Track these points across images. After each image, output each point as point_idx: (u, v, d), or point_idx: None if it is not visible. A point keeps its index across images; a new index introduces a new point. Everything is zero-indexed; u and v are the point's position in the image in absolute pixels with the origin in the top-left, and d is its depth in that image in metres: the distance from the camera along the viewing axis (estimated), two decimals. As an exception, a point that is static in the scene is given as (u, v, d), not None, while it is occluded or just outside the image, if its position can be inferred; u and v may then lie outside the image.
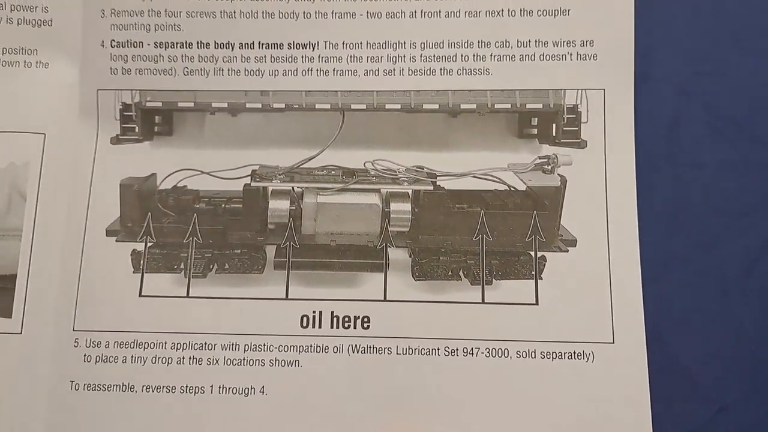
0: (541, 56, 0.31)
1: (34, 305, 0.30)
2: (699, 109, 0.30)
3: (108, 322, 0.30)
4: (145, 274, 0.30)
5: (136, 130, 0.33)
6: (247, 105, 0.32)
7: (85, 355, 0.29)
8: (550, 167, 0.31)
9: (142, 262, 0.31)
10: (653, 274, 0.29)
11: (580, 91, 0.31)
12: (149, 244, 0.31)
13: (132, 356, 0.29)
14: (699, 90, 0.31)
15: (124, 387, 0.29)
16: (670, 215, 0.29)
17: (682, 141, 0.30)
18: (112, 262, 0.31)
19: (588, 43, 0.31)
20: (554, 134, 0.32)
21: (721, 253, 0.29)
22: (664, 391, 0.28)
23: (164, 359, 0.29)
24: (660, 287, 0.29)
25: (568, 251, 0.30)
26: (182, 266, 0.31)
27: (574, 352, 0.29)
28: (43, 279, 0.30)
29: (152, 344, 0.29)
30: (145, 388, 0.29)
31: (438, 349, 0.29)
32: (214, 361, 0.29)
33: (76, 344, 0.30)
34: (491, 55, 0.31)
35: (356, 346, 0.29)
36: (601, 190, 0.30)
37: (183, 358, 0.29)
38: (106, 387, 0.29)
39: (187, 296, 0.30)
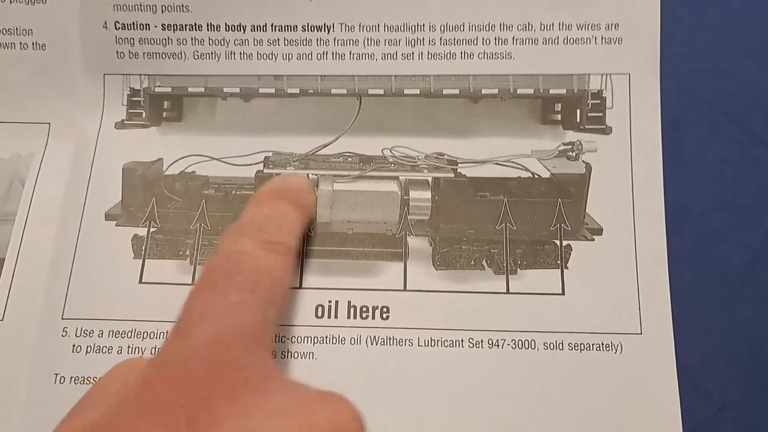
0: (565, 40, 0.30)
1: (20, 291, 0.28)
2: (700, 106, 0.30)
3: (102, 310, 0.28)
4: (146, 260, 0.29)
5: (144, 115, 0.31)
6: (260, 90, 0.31)
7: (74, 346, 0.28)
8: (574, 154, 0.30)
9: (144, 247, 0.29)
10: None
11: (604, 75, 0.30)
12: (153, 230, 0.29)
13: (129, 346, 0.28)
14: (700, 88, 0.30)
15: None
16: (671, 213, 0.29)
17: (683, 139, 0.29)
18: (111, 247, 0.29)
19: (613, 26, 0.30)
20: (578, 120, 0.31)
21: (722, 251, 0.29)
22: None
23: None
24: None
25: (594, 240, 0.29)
26: (188, 253, 0.29)
27: (602, 343, 0.28)
28: (32, 263, 0.29)
29: (152, 334, 0.28)
30: None
31: (461, 340, 0.28)
32: None
33: (64, 333, 0.28)
34: (513, 39, 0.30)
35: (375, 337, 0.28)
36: (627, 177, 0.30)
37: None
38: (96, 380, 0.27)
39: (192, 284, 0.28)
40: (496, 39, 0.30)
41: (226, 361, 0.20)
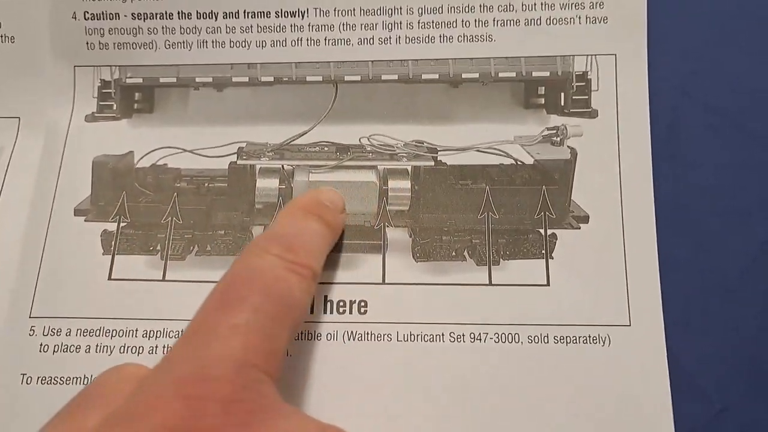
0: (548, 20, 0.29)
1: None
2: (698, 108, 0.29)
3: (71, 308, 0.27)
4: (116, 255, 0.28)
5: (114, 107, 0.31)
6: (234, 79, 0.30)
7: (41, 345, 0.27)
8: (559, 139, 0.29)
9: (113, 242, 0.28)
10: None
11: (589, 57, 0.29)
12: (123, 224, 0.29)
13: (97, 345, 0.27)
14: (698, 89, 0.29)
15: (86, 379, 0.26)
16: (669, 215, 0.28)
17: (681, 141, 0.28)
18: (80, 243, 0.28)
19: (598, 5, 0.29)
20: (563, 104, 0.29)
21: (721, 252, 0.28)
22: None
23: (134, 348, 0.27)
24: (660, 287, 0.27)
25: (580, 228, 0.28)
26: (159, 248, 0.28)
27: (589, 336, 0.26)
28: (0, 260, 0.28)
29: (121, 332, 0.27)
30: None
31: (442, 335, 0.27)
32: None
33: (32, 332, 0.27)
34: (494, 20, 0.29)
35: (352, 332, 0.27)
36: (614, 162, 0.28)
37: (156, 347, 0.27)
38: (64, 380, 0.26)
39: (163, 279, 0.28)
40: (476, 21, 0.29)
41: (246, 384, 0.19)
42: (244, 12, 0.30)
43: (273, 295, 0.21)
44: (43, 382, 0.26)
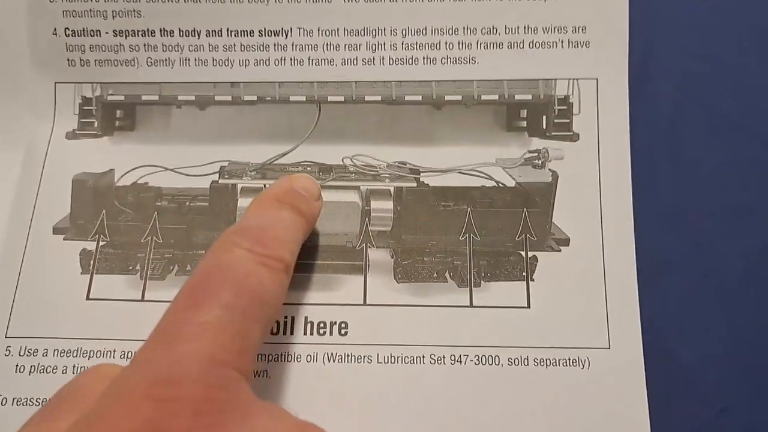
0: (531, 44, 0.29)
1: None
2: (698, 108, 0.29)
3: (48, 328, 0.27)
4: (95, 275, 0.28)
5: (96, 125, 0.30)
6: (216, 98, 0.30)
7: (17, 365, 0.26)
8: (540, 162, 0.29)
9: (92, 262, 0.28)
10: (652, 275, 0.27)
11: (571, 80, 0.29)
12: (102, 244, 0.28)
13: (74, 366, 0.26)
14: (698, 89, 0.29)
15: None
16: (669, 215, 0.28)
17: (680, 141, 0.29)
18: (58, 263, 0.28)
19: (580, 29, 0.29)
20: (545, 127, 0.30)
21: (720, 253, 0.28)
22: (665, 393, 0.26)
23: None
24: (659, 288, 0.27)
25: (560, 251, 0.28)
26: (138, 267, 0.28)
27: (569, 359, 0.26)
28: None
29: (99, 352, 0.27)
30: None
31: (423, 356, 0.27)
32: None
33: (7, 353, 0.27)
34: (478, 43, 0.29)
35: (332, 353, 0.27)
36: (595, 185, 0.29)
37: None
38: (40, 401, 0.26)
39: (142, 299, 0.27)
40: (459, 43, 0.29)
41: (216, 384, 0.18)
42: (228, 30, 0.30)
43: (244, 290, 0.21)
44: (18, 403, 0.26)
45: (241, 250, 0.22)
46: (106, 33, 0.30)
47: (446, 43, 0.29)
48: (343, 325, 0.27)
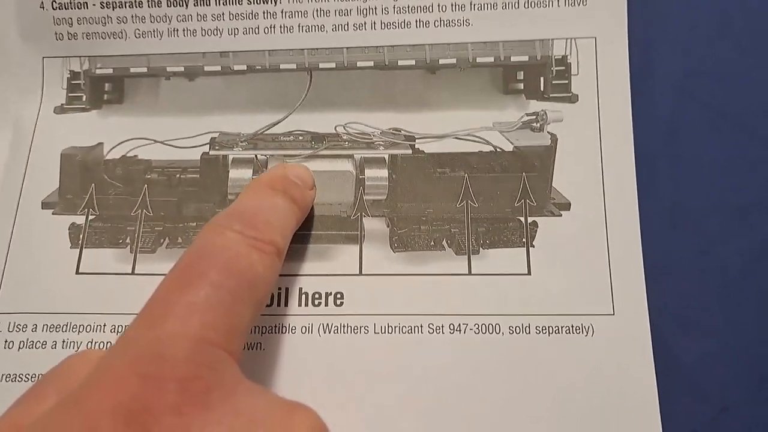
0: (526, 3, 0.28)
1: None
2: (698, 107, 0.28)
3: (37, 303, 0.26)
4: (84, 249, 0.27)
5: (84, 98, 0.30)
6: (206, 68, 0.30)
7: (6, 341, 0.26)
8: (539, 125, 0.28)
9: (81, 236, 0.27)
10: (653, 275, 0.26)
11: (569, 40, 0.29)
12: (91, 217, 0.28)
13: (64, 341, 0.26)
14: (698, 88, 0.29)
15: None
16: (670, 215, 0.27)
17: (681, 140, 0.28)
18: (47, 237, 0.27)
19: (577, -14, 0.28)
20: (542, 89, 0.29)
21: (720, 252, 0.27)
22: (665, 392, 0.25)
23: (102, 344, 0.26)
24: (660, 287, 0.26)
25: (561, 215, 0.27)
26: (128, 241, 0.27)
27: (572, 326, 0.26)
28: None
29: (89, 327, 0.26)
30: None
31: (421, 326, 0.26)
32: None
33: None
34: (471, 4, 0.29)
35: (328, 324, 0.26)
36: (596, 147, 0.28)
37: None
38: (30, 377, 0.25)
39: (132, 273, 0.27)
40: (452, 5, 0.29)
41: (203, 363, 0.18)
42: (216, -1, 0.29)
43: (233, 271, 0.21)
44: (7, 379, 0.26)
45: (233, 233, 0.22)
46: (93, 5, 0.29)
47: (439, 5, 0.29)
48: (338, 296, 0.26)
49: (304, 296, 0.26)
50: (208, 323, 0.19)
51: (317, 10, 0.29)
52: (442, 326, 0.26)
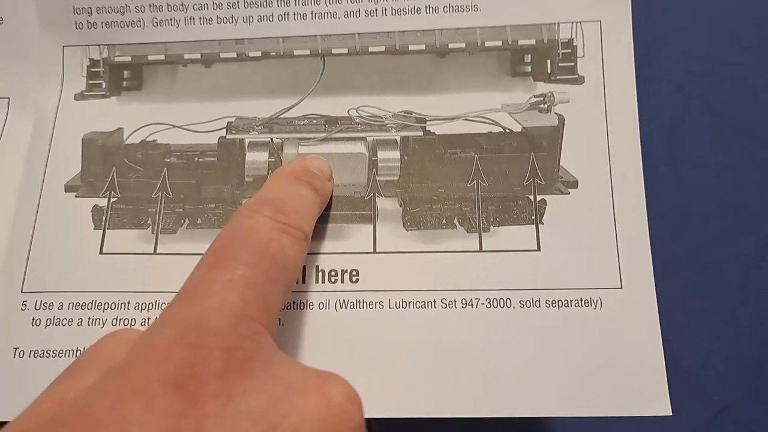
0: (532, -12, 0.29)
1: None
2: (700, 109, 0.29)
3: (63, 283, 0.27)
4: (107, 230, 0.28)
5: (103, 86, 0.31)
6: (222, 55, 0.30)
7: (33, 319, 0.27)
8: (546, 106, 0.29)
9: (104, 217, 0.28)
10: (653, 275, 0.27)
11: (574, 24, 0.29)
12: (113, 200, 0.29)
13: (90, 318, 0.27)
14: (699, 90, 0.29)
15: (78, 352, 0.26)
16: (671, 215, 0.28)
17: (682, 141, 0.29)
18: (71, 219, 0.28)
19: (581, -29, 0.29)
20: (549, 71, 0.30)
21: (722, 253, 0.28)
22: None
23: (126, 320, 0.27)
24: (660, 287, 0.27)
25: (569, 193, 0.28)
26: (150, 222, 0.28)
27: (581, 299, 0.26)
28: None
29: (113, 305, 0.27)
30: None
31: (434, 301, 0.27)
32: None
33: (24, 307, 0.27)
34: (479, -10, 0.29)
35: (344, 300, 0.27)
36: (602, 127, 0.28)
37: (148, 318, 0.27)
38: (56, 353, 0.26)
39: (155, 253, 0.28)
40: (461, -9, 0.29)
41: (245, 334, 0.19)
42: (231, -13, 0.30)
43: (267, 254, 0.22)
44: (35, 355, 0.26)
45: (264, 218, 0.23)
46: (112, -5, 0.30)
47: (448, -9, 0.29)
48: (354, 273, 0.27)
49: (321, 273, 0.27)
50: (246, 300, 0.20)
51: (330, -2, 0.30)
52: (455, 301, 0.27)
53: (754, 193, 0.28)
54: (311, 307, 0.27)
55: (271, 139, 0.29)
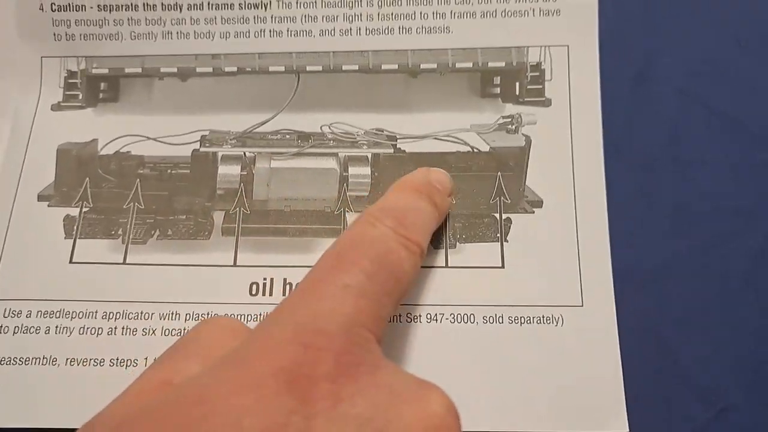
0: (503, 12, 0.30)
1: None
2: (699, 109, 0.29)
3: (32, 291, 0.28)
4: (78, 240, 0.28)
5: (80, 97, 0.31)
6: (198, 69, 0.31)
7: (2, 327, 0.27)
8: (514, 127, 0.30)
9: (75, 227, 0.29)
10: (653, 275, 0.28)
11: (543, 48, 0.30)
12: (85, 210, 0.29)
13: (57, 327, 0.27)
14: (699, 90, 0.30)
15: (45, 360, 0.26)
16: (670, 215, 0.28)
17: (682, 141, 0.29)
18: (42, 228, 0.29)
19: (550, -2, 0.30)
20: (518, 93, 0.30)
21: (721, 253, 0.28)
22: (665, 393, 0.26)
23: (93, 330, 0.27)
24: (660, 287, 0.28)
25: (534, 212, 0.29)
26: (120, 232, 0.29)
27: (543, 316, 0.27)
28: None
29: (81, 314, 0.27)
30: (69, 360, 0.26)
31: (399, 316, 0.27)
32: (151, 332, 0.27)
33: None
34: (452, 13, 0.30)
35: None
36: (567, 148, 0.29)
37: (115, 328, 0.27)
38: (24, 360, 0.26)
39: (124, 263, 0.28)
40: (434, 13, 0.30)
41: (355, 340, 0.20)
42: (208, 3, 0.31)
43: (384, 264, 0.22)
44: (3, 362, 0.27)
45: (385, 227, 0.23)
46: (91, 8, 0.31)
47: (421, 13, 0.30)
48: (321, 286, 0.28)
49: (288, 286, 0.28)
50: (360, 307, 0.20)
51: (305, 16, 0.30)
52: (420, 316, 0.27)
53: (755, 193, 0.29)
54: None
55: (244, 153, 0.30)
